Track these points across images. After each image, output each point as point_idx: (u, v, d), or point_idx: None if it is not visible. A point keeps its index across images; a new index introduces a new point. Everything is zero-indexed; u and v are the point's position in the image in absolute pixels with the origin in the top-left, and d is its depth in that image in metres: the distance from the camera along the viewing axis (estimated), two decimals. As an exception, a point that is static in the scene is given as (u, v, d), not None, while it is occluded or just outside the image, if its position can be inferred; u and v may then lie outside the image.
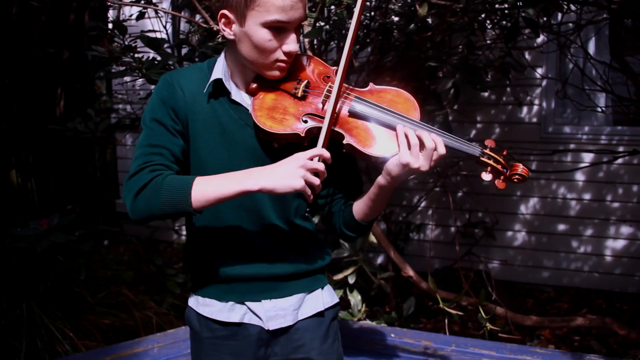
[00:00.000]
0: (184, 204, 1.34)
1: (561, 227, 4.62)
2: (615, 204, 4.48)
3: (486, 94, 4.61)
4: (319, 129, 1.42)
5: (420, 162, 1.37)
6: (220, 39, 2.85)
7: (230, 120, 1.48)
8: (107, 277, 3.83)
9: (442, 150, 1.38)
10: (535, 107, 4.60)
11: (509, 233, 4.76)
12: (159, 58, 3.09)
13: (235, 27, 1.42)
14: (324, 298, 1.63)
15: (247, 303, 1.56)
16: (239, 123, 1.48)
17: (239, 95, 1.50)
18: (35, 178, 5.26)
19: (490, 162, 1.44)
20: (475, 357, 2.58)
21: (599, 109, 4.30)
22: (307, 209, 1.54)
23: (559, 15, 3.77)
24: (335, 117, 1.45)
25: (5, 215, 4.50)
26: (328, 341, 1.62)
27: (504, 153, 1.46)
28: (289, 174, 1.32)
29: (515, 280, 4.73)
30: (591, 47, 4.34)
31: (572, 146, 4.48)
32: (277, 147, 1.49)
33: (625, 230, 4.46)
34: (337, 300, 1.68)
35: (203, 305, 1.59)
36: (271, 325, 1.56)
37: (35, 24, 5.15)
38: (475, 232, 4.69)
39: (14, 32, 5.10)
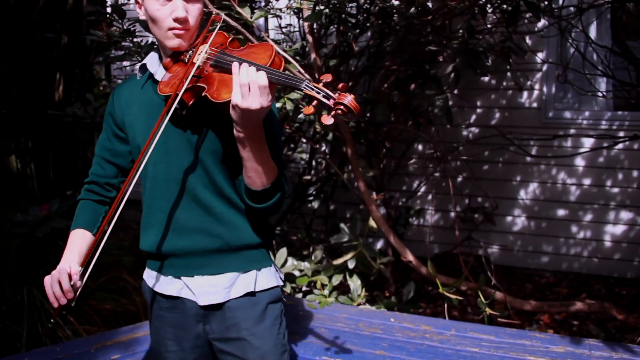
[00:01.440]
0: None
1: (561, 212, 4.63)
2: (615, 189, 4.48)
3: (486, 78, 4.59)
4: (198, 88, 1.48)
5: (249, 100, 1.35)
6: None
7: (160, 100, 1.56)
8: (107, 262, 3.82)
9: (263, 81, 1.35)
10: (536, 92, 4.58)
11: (509, 218, 4.76)
12: (157, 42, 3.07)
13: (143, 8, 1.54)
14: (258, 280, 1.64)
15: (182, 278, 1.63)
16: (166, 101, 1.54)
17: (162, 75, 1.57)
18: (34, 163, 5.24)
19: (313, 93, 1.34)
20: (475, 341, 2.60)
21: (600, 94, 4.28)
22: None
23: (560, -1, 3.75)
24: (202, 74, 1.49)
25: (5, 201, 4.50)
26: (264, 324, 1.63)
27: (339, 86, 1.33)
28: (48, 277, 1.49)
29: (514, 265, 4.74)
30: (592, 32, 4.31)
31: (572, 131, 4.47)
32: (198, 121, 1.55)
33: (625, 215, 4.47)
34: (276, 284, 1.67)
35: (151, 277, 1.70)
36: (202, 301, 1.60)
37: (33, 8, 5.11)
38: (474, 217, 4.70)
39: (11, 16, 5.06)
